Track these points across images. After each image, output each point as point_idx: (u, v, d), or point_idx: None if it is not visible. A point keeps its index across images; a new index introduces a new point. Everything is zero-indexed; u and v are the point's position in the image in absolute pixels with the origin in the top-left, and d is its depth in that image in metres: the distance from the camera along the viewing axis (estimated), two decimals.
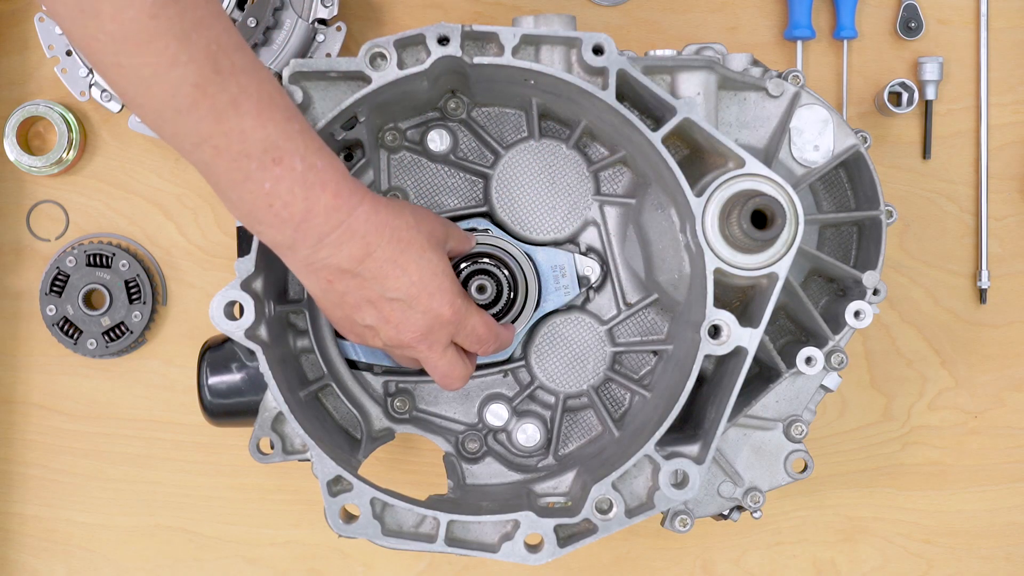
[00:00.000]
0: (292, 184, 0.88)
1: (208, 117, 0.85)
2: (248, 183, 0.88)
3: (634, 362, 1.11)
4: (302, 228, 0.90)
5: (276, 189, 0.88)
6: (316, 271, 0.93)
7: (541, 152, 1.08)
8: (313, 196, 0.89)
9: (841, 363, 1.07)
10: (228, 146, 0.86)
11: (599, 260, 1.09)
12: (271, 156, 0.87)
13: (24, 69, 1.25)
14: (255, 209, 0.89)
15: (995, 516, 1.29)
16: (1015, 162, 1.28)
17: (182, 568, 1.26)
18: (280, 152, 0.88)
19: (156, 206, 1.26)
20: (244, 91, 0.86)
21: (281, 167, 0.88)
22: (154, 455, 1.26)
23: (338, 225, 0.91)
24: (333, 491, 0.98)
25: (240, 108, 0.86)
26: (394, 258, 0.94)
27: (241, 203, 0.90)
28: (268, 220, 0.90)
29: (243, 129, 0.86)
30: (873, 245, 1.10)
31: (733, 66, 1.08)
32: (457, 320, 0.97)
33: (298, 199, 0.89)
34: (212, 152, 0.87)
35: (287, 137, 0.88)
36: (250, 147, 0.87)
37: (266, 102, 0.87)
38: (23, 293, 1.25)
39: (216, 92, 0.84)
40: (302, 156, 0.89)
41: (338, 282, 0.94)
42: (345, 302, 0.96)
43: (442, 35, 0.99)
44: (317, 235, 0.91)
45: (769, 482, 1.09)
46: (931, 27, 1.28)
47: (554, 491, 1.06)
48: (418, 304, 0.95)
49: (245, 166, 0.87)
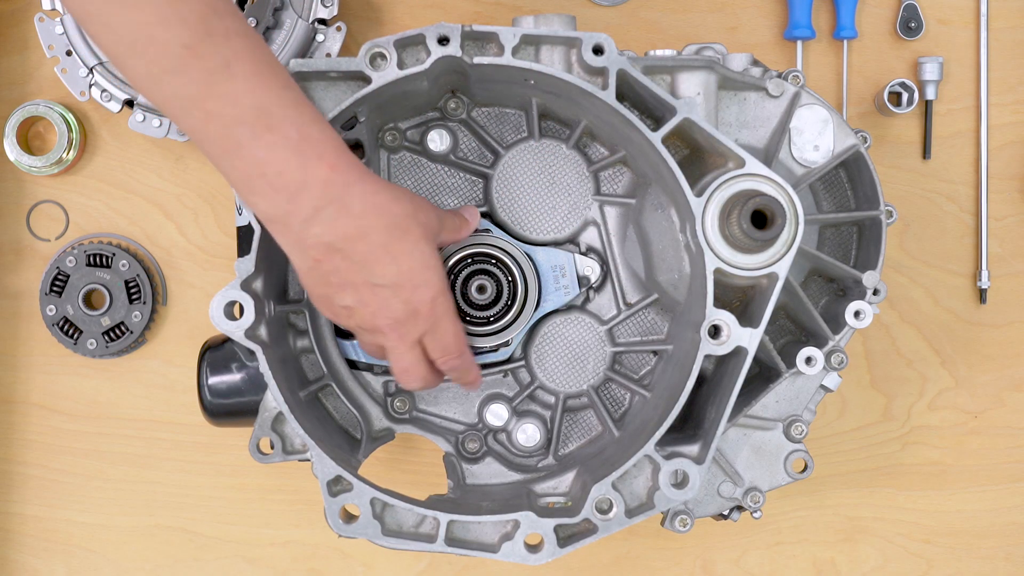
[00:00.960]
0: (287, 153, 0.87)
1: (199, 80, 0.84)
2: (241, 150, 0.86)
3: (634, 362, 1.11)
4: (296, 199, 0.88)
5: (269, 157, 0.86)
6: (306, 248, 0.91)
7: (541, 152, 1.08)
8: (309, 167, 0.88)
9: (841, 363, 1.07)
10: (219, 111, 0.85)
11: (599, 260, 1.09)
12: (264, 123, 0.86)
13: (24, 69, 1.25)
14: (248, 178, 0.88)
15: (995, 516, 1.29)
16: (1015, 162, 1.29)
17: (182, 568, 1.26)
18: (273, 119, 0.86)
19: (156, 206, 1.26)
20: (237, 56, 0.84)
21: (274, 135, 0.86)
22: (154, 455, 1.26)
23: (333, 200, 0.89)
24: (333, 491, 0.98)
25: (232, 72, 0.84)
26: (387, 244, 0.92)
27: (234, 171, 0.88)
28: (261, 190, 0.88)
29: (235, 93, 0.84)
30: (873, 245, 1.10)
31: (733, 66, 1.08)
32: (433, 318, 0.96)
33: (292, 168, 0.87)
34: (203, 117, 0.85)
35: (282, 104, 0.86)
36: (242, 112, 0.85)
37: (261, 68, 0.85)
38: (23, 293, 1.25)
39: (208, 54, 0.83)
40: (297, 125, 0.87)
41: (327, 261, 0.92)
42: (330, 282, 0.94)
43: (442, 35, 0.99)
44: (311, 208, 0.89)
45: (769, 482, 1.09)
46: (931, 27, 1.28)
47: (554, 491, 1.06)
48: (401, 293, 0.94)
49: (237, 133, 0.86)
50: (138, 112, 1.18)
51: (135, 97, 1.18)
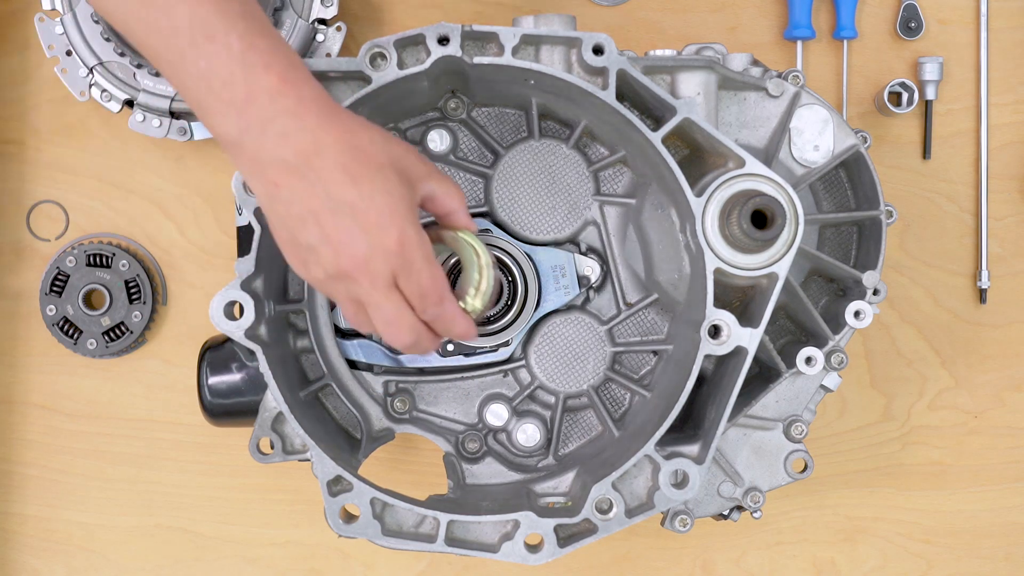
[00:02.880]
0: (230, 63, 0.85)
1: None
2: (183, 63, 0.86)
3: (634, 362, 1.11)
4: (245, 113, 0.86)
5: (212, 67, 0.85)
6: (263, 170, 0.88)
7: (541, 152, 1.08)
8: (254, 76, 0.86)
9: (841, 363, 1.07)
10: (155, 21, 0.85)
11: (599, 260, 1.09)
12: (202, 33, 0.85)
13: (24, 69, 1.25)
14: (197, 92, 0.87)
15: (995, 516, 1.29)
16: (1015, 162, 1.29)
17: (182, 568, 1.26)
18: (212, 29, 0.85)
19: (156, 206, 1.26)
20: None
21: (214, 44, 0.85)
22: (154, 455, 1.26)
23: (284, 111, 0.86)
24: (333, 491, 0.98)
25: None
26: (345, 163, 0.88)
27: (185, 89, 0.87)
28: (212, 106, 0.87)
29: (169, 4, 0.84)
30: (873, 245, 1.10)
31: (733, 66, 1.08)
32: (402, 254, 0.89)
33: (237, 79, 0.85)
34: (143, 28, 0.86)
35: (222, 14, 0.85)
36: (177, 22, 0.85)
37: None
38: (23, 293, 1.25)
39: None
40: (240, 35, 0.85)
41: (284, 185, 0.88)
42: (290, 213, 0.89)
43: (442, 35, 0.99)
44: (261, 120, 0.86)
45: (769, 482, 1.09)
46: (931, 27, 1.28)
47: (554, 491, 1.06)
48: (364, 220, 0.88)
49: (176, 44, 0.85)
50: (138, 112, 1.18)
51: (135, 97, 1.18)
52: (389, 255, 0.88)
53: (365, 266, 0.89)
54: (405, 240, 0.88)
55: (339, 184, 0.87)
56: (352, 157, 0.87)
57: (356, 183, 0.87)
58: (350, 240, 0.88)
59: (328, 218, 0.88)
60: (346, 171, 0.87)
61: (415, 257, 0.89)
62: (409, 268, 0.89)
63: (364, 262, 0.88)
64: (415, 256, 0.89)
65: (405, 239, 0.88)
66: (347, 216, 0.87)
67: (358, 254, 0.88)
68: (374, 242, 0.88)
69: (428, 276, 0.90)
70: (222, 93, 0.86)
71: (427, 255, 0.90)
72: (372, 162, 0.88)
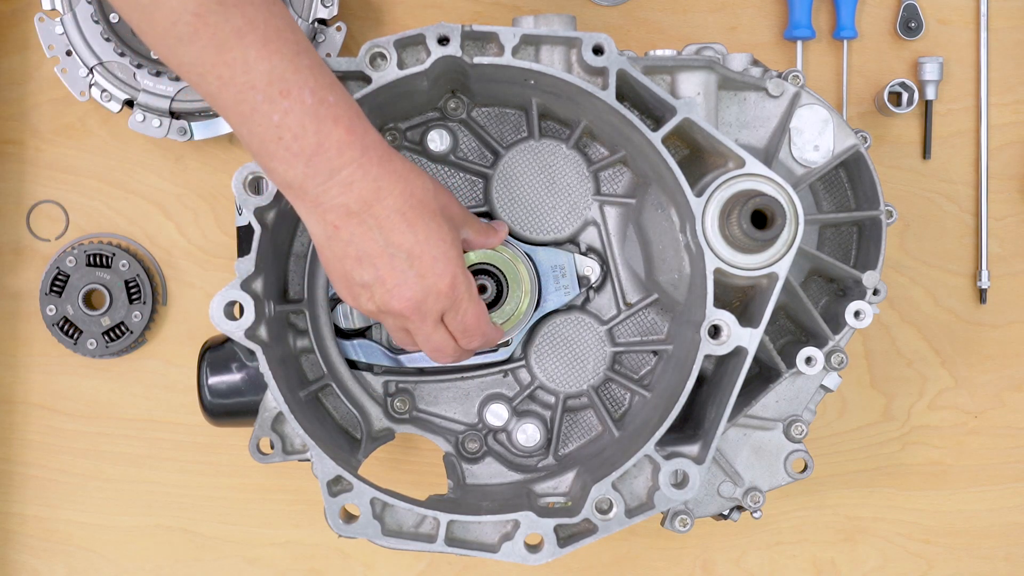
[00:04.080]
0: (302, 116, 0.88)
1: (210, 47, 0.85)
2: (255, 115, 0.88)
3: (634, 362, 1.11)
4: (313, 162, 0.89)
5: (285, 121, 0.88)
6: (324, 213, 0.92)
7: (541, 152, 1.08)
8: (325, 130, 0.89)
9: (841, 363, 1.07)
10: (232, 77, 0.86)
11: (599, 260, 1.09)
12: (278, 88, 0.87)
13: (24, 69, 1.25)
14: (265, 142, 0.89)
15: (995, 516, 1.29)
16: (1015, 162, 1.29)
17: (182, 568, 1.26)
18: (287, 84, 0.87)
19: (156, 206, 1.26)
20: (249, 23, 0.86)
21: (289, 100, 0.87)
22: (154, 455, 1.26)
23: (350, 162, 0.90)
24: (333, 491, 0.98)
25: (244, 39, 0.85)
26: (403, 211, 0.92)
27: (252, 137, 0.89)
28: (279, 154, 0.89)
29: (247, 60, 0.86)
30: (873, 245, 1.10)
31: (733, 66, 1.08)
32: (453, 296, 0.96)
33: (309, 132, 0.88)
34: (217, 83, 0.87)
35: (295, 70, 0.88)
36: (255, 78, 0.86)
37: (273, 34, 0.87)
38: (23, 293, 1.25)
39: (218, 22, 0.85)
40: (312, 89, 0.88)
41: (344, 228, 0.92)
42: (347, 254, 0.94)
43: (442, 35, 0.99)
44: (328, 171, 0.90)
45: (769, 482, 1.09)
46: (931, 27, 1.28)
47: (554, 491, 1.06)
48: (419, 265, 0.94)
49: (251, 98, 0.87)
50: (138, 112, 1.18)
51: (135, 97, 1.18)
52: (440, 297, 0.95)
53: (417, 307, 0.95)
54: (456, 283, 0.95)
55: (397, 230, 0.92)
56: (409, 205, 0.93)
57: (412, 229, 0.93)
58: (404, 282, 0.94)
59: (384, 261, 0.93)
60: (404, 218, 0.92)
61: (463, 298, 0.97)
62: (457, 307, 0.97)
63: (417, 304, 0.95)
64: (463, 297, 0.97)
65: (456, 283, 0.95)
66: (403, 260, 0.93)
67: (412, 296, 0.95)
68: (427, 285, 0.94)
69: (473, 314, 0.98)
70: (292, 144, 0.89)
71: (473, 294, 0.98)
72: (426, 209, 0.94)
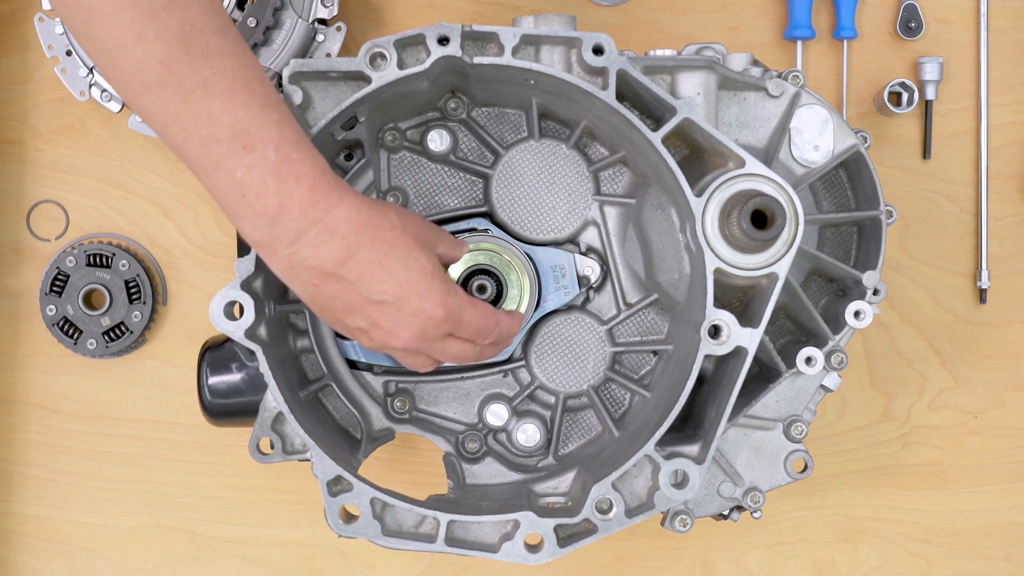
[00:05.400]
0: (264, 174, 0.86)
1: (175, 96, 0.84)
2: (219, 170, 0.86)
3: (634, 362, 1.11)
4: (277, 223, 0.87)
5: (247, 179, 0.86)
6: (299, 273, 0.91)
7: (541, 152, 1.08)
8: (287, 189, 0.87)
9: (841, 363, 1.07)
10: (196, 128, 0.85)
11: (599, 260, 1.09)
12: (241, 143, 0.85)
13: (24, 69, 1.25)
14: (229, 198, 0.87)
15: (995, 516, 1.29)
16: (1015, 162, 1.29)
17: (182, 568, 1.26)
18: (251, 139, 0.85)
19: (156, 206, 1.26)
20: (217, 74, 0.84)
21: (252, 155, 0.85)
22: (154, 455, 1.26)
23: (315, 223, 0.88)
24: (333, 491, 0.98)
25: (210, 90, 0.84)
26: (378, 260, 0.91)
27: (216, 191, 0.88)
28: (243, 213, 0.87)
29: (211, 112, 0.84)
30: (873, 245, 1.10)
31: (733, 66, 1.08)
32: (452, 319, 0.95)
33: (271, 191, 0.86)
34: (181, 134, 0.85)
35: (260, 125, 0.86)
36: (218, 131, 0.85)
37: (240, 87, 0.85)
38: (23, 293, 1.25)
39: (184, 72, 0.83)
40: (276, 146, 0.86)
41: (323, 286, 0.91)
42: (333, 307, 0.93)
43: (442, 35, 0.99)
44: (293, 232, 0.88)
45: (769, 482, 1.09)
46: (931, 27, 1.28)
47: (554, 491, 1.06)
48: (407, 306, 0.93)
49: (214, 151, 0.85)
50: None
51: None
52: (439, 324, 0.94)
53: (418, 340, 0.95)
54: (449, 307, 0.94)
55: (377, 279, 0.91)
56: (383, 252, 0.91)
57: (392, 274, 0.91)
58: (399, 324, 0.93)
59: (373, 310, 0.92)
60: (381, 266, 0.91)
61: (463, 312, 0.96)
62: (459, 323, 0.96)
63: (418, 337, 0.95)
64: (462, 311, 0.96)
65: (449, 306, 0.94)
66: (391, 306, 0.92)
67: (410, 335, 0.94)
68: (422, 321, 0.94)
69: (479, 318, 0.97)
70: (255, 204, 0.87)
71: (470, 302, 0.97)
72: (400, 248, 0.92)
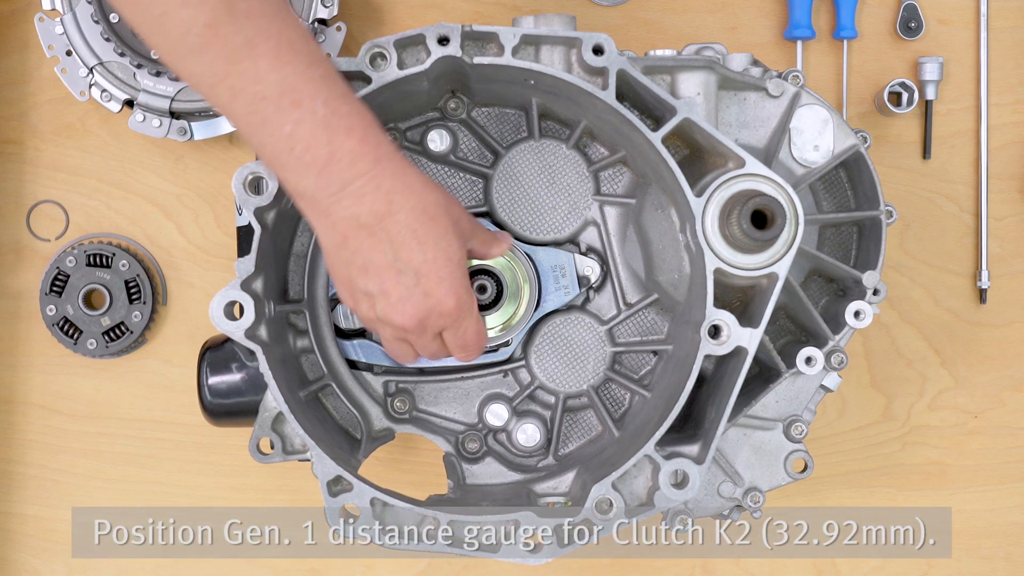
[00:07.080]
0: (314, 127, 0.88)
1: (221, 58, 0.85)
2: (267, 126, 0.88)
3: (634, 362, 1.11)
4: (325, 173, 0.89)
5: (297, 132, 0.88)
6: (334, 223, 0.92)
7: (541, 152, 1.08)
8: (337, 141, 0.88)
9: (841, 363, 1.07)
10: (243, 88, 0.86)
11: (599, 260, 1.09)
12: (289, 99, 0.87)
13: (24, 69, 1.25)
14: (277, 153, 0.89)
15: (995, 516, 1.28)
16: (1015, 162, 1.28)
17: (182, 568, 1.26)
18: (299, 95, 0.87)
19: (156, 206, 1.26)
20: (261, 33, 0.86)
21: (301, 110, 0.87)
22: (154, 455, 1.26)
23: (362, 173, 0.89)
24: (333, 491, 0.98)
25: (256, 50, 0.85)
26: (414, 227, 0.92)
27: (264, 147, 0.89)
28: (291, 165, 0.89)
29: (257, 71, 0.86)
30: (873, 245, 1.10)
31: (733, 66, 1.08)
32: (457, 316, 0.96)
33: (321, 143, 0.88)
34: (228, 94, 0.87)
35: (307, 80, 0.87)
36: (265, 89, 0.86)
37: (285, 46, 0.87)
38: (23, 293, 1.25)
39: (229, 33, 0.85)
40: (324, 100, 0.88)
41: (353, 238, 0.92)
42: (353, 262, 0.93)
43: (442, 35, 0.99)
44: (340, 182, 0.89)
45: (769, 482, 1.09)
46: (931, 27, 1.28)
47: (554, 491, 1.06)
48: (425, 283, 0.93)
49: (262, 108, 0.87)
50: (138, 112, 1.18)
51: (135, 97, 1.18)
52: (443, 316, 0.95)
53: (419, 323, 0.95)
54: (460, 304, 0.95)
55: (407, 247, 0.92)
56: (420, 221, 0.92)
57: (423, 247, 0.92)
58: (408, 299, 0.94)
59: (391, 275, 0.93)
60: (414, 234, 0.92)
61: (465, 317, 0.97)
62: (458, 326, 0.97)
63: (419, 320, 0.95)
64: (465, 316, 0.97)
65: (461, 303, 0.95)
66: (410, 277, 0.93)
67: (415, 313, 0.94)
68: (432, 304, 0.94)
69: (474, 332, 0.99)
70: (304, 155, 0.88)
71: (475, 313, 0.98)
72: (438, 225, 0.93)
